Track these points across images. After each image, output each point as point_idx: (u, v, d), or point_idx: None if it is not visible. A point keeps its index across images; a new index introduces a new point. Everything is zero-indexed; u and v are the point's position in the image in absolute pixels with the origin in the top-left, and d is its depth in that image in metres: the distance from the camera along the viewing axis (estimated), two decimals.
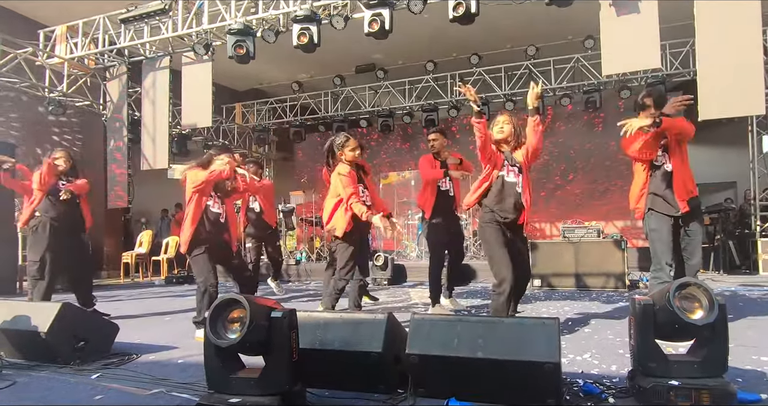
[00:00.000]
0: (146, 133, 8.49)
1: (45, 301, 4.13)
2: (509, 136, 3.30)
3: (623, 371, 2.45)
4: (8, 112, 9.05)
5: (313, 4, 6.51)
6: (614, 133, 11.16)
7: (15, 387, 2.47)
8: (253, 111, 12.25)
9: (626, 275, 5.80)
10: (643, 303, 2.13)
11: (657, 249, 3.30)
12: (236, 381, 1.89)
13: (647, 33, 5.40)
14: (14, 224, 7.62)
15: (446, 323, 2.17)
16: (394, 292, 6.41)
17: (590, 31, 8.37)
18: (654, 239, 3.32)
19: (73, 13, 8.13)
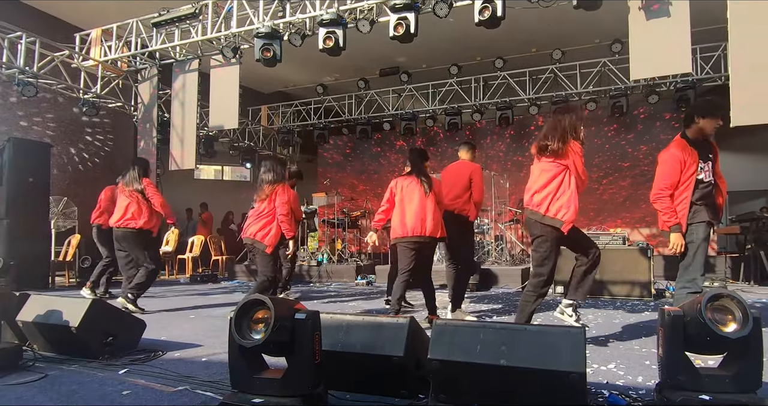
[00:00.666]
0: (175, 134, 8.68)
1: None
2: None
3: (650, 383, 2.40)
4: (45, 112, 9.38)
5: (340, 8, 6.56)
6: (642, 139, 11.01)
7: (46, 380, 2.55)
8: (278, 113, 12.41)
9: (652, 284, 5.67)
10: (673, 314, 2.08)
11: (701, 260, 3.20)
12: (259, 381, 1.91)
13: (678, 37, 5.28)
14: (48, 222, 7.89)
15: (469, 329, 2.15)
16: (415, 295, 6.38)
17: (618, 34, 8.22)
18: (703, 249, 3.21)
19: (108, 17, 8.38)
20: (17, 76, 7.60)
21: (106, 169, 10.29)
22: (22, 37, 7.45)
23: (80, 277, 7.75)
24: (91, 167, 10.07)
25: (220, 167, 13.71)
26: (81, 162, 9.93)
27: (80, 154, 9.93)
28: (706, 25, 6.54)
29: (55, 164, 8.83)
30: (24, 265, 6.76)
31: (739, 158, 11.31)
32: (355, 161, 12.97)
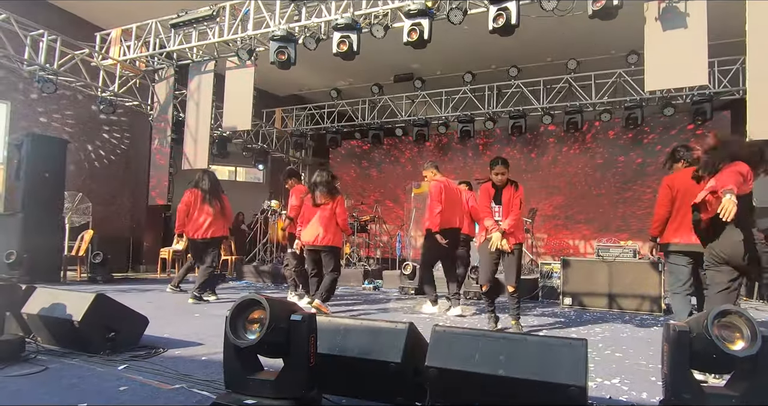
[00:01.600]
0: (189, 134, 8.77)
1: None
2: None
3: (654, 400, 2.34)
4: (64, 109, 9.57)
5: (355, 13, 6.60)
6: (656, 151, 10.86)
7: (46, 373, 2.57)
8: (291, 116, 12.49)
9: (662, 299, 5.55)
10: (679, 329, 2.02)
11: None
12: (253, 382, 1.90)
13: (695, 49, 5.20)
14: (62, 216, 8.01)
15: (468, 337, 2.11)
16: (420, 302, 6.33)
17: (634, 45, 8.14)
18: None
19: (128, 17, 8.53)
20: (38, 73, 7.76)
21: (121, 166, 10.46)
22: (44, 35, 7.61)
23: (92, 272, 7.84)
24: (106, 164, 10.22)
25: (233, 168, 13.81)
26: (97, 159, 10.09)
27: (97, 151, 10.10)
28: (724, 38, 6.45)
29: (71, 160, 8.98)
30: (37, 258, 6.89)
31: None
32: (367, 166, 12.98)
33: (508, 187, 4.37)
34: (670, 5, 5.39)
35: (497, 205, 4.35)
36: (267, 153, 12.35)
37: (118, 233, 10.13)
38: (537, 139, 11.11)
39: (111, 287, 6.80)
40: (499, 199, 4.35)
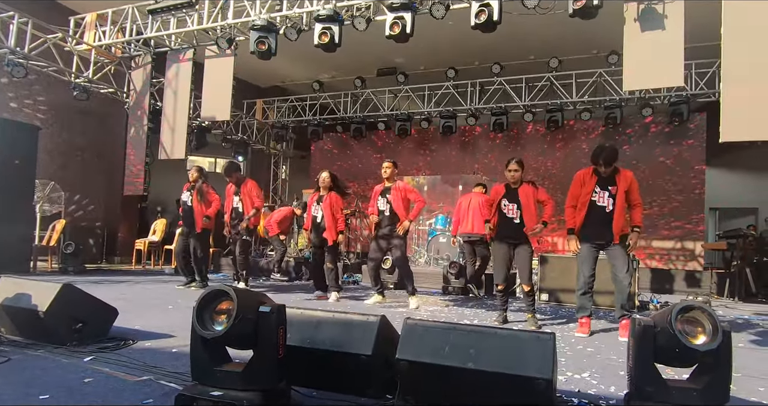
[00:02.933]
0: (166, 123, 8.60)
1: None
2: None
3: (621, 394, 2.38)
4: (37, 95, 9.27)
5: (337, 4, 6.53)
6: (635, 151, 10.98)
7: (9, 364, 2.50)
8: (273, 108, 12.35)
9: (636, 296, 5.66)
10: (644, 324, 2.06)
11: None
12: (220, 374, 1.87)
13: (671, 50, 5.28)
14: (33, 205, 7.79)
15: (439, 330, 2.11)
16: (399, 296, 6.36)
17: (615, 46, 8.24)
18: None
19: (104, 2, 8.29)
20: (7, 57, 7.50)
21: (95, 155, 10.19)
22: (14, 17, 7.35)
23: (63, 263, 7.65)
24: (80, 153, 9.95)
25: (213, 159, 13.60)
26: (70, 147, 9.81)
27: (70, 138, 9.81)
28: (702, 41, 6.57)
29: (43, 148, 8.71)
30: (5, 248, 6.69)
31: (728, 175, 11.40)
32: (348, 159, 12.92)
33: (525, 186, 4.41)
34: (648, 6, 5.46)
35: (511, 203, 4.38)
36: (247, 144, 12.20)
37: (92, 223, 9.89)
38: (518, 137, 11.20)
39: (82, 279, 6.66)
40: (515, 199, 4.37)
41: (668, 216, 9.68)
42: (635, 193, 4.04)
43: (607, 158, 3.97)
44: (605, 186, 4.02)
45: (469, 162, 11.38)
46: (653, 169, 9.78)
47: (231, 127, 11.54)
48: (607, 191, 4.01)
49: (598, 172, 4.06)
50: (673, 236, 9.67)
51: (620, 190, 3.98)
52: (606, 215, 3.99)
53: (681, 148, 9.71)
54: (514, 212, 4.35)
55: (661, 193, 9.71)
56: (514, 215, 4.35)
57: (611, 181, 4.02)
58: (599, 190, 4.03)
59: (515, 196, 4.38)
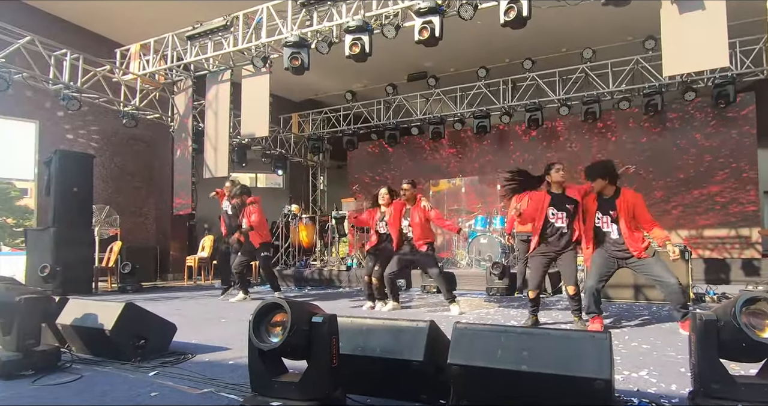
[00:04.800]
0: (209, 143, 8.94)
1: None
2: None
3: (684, 392, 2.29)
4: (89, 125, 9.86)
5: (365, 14, 6.62)
6: (678, 137, 10.53)
7: (81, 381, 2.66)
8: (308, 120, 12.60)
9: (691, 288, 5.41)
10: (705, 318, 1.99)
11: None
12: (278, 385, 1.93)
13: (714, 30, 5.05)
14: (92, 229, 8.26)
15: (490, 334, 2.10)
16: (442, 300, 6.32)
17: (651, 30, 7.95)
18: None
19: (146, 32, 8.74)
20: (63, 92, 8.01)
21: (145, 178, 10.72)
22: (66, 54, 7.86)
23: (122, 282, 8.06)
24: (131, 177, 10.49)
25: (254, 175, 14.00)
26: (122, 172, 10.36)
27: (122, 164, 10.37)
28: (745, 17, 6.26)
29: (98, 175, 9.25)
30: (69, 271, 7.11)
31: None
32: (384, 166, 12.99)
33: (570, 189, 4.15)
34: None
35: (559, 211, 4.10)
36: (285, 158, 12.48)
37: (145, 243, 10.38)
38: (555, 132, 10.95)
39: (140, 296, 6.99)
40: (561, 206, 4.10)
41: (719, 203, 9.20)
42: (642, 217, 3.89)
43: (586, 174, 3.97)
44: (606, 210, 3.93)
45: (506, 161, 11.22)
46: (700, 154, 9.33)
47: (269, 142, 11.86)
48: (608, 216, 3.92)
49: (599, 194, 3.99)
50: (726, 223, 9.18)
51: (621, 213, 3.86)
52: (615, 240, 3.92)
53: (729, 131, 9.23)
54: (560, 219, 4.08)
55: (710, 179, 9.26)
56: (560, 222, 4.08)
57: (611, 205, 3.91)
58: (601, 214, 3.96)
59: (561, 204, 4.10)
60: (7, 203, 20.64)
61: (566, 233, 4.10)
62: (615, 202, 3.89)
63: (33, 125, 9.10)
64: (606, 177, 3.90)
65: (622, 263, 3.95)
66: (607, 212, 3.91)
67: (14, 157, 9.08)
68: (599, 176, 3.91)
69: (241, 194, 6.64)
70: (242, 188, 6.74)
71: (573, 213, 4.08)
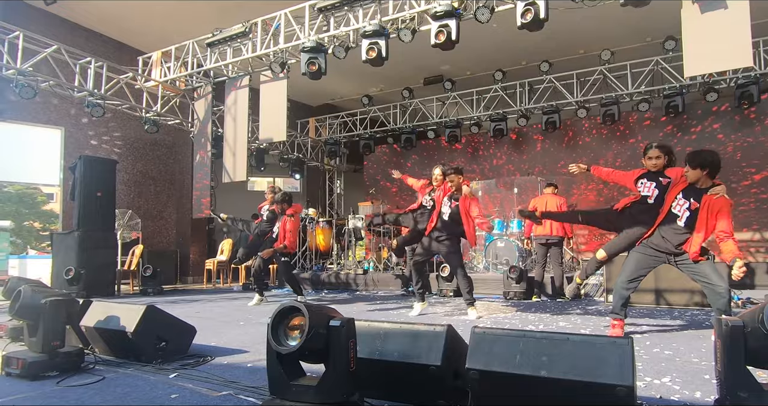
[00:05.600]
0: (227, 147, 9.07)
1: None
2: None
3: (709, 399, 2.24)
4: (112, 131, 10.09)
5: (382, 19, 6.65)
6: (699, 138, 10.32)
7: (103, 382, 2.71)
8: (325, 125, 12.69)
9: None
10: (732, 324, 1.94)
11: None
12: (296, 388, 1.94)
13: (737, 29, 4.94)
14: (115, 233, 8.43)
15: (509, 338, 2.08)
16: (459, 304, 6.29)
17: (671, 31, 7.83)
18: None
19: (167, 40, 8.91)
20: (87, 99, 8.22)
21: (166, 182, 10.91)
22: (91, 62, 8.06)
23: (143, 285, 8.20)
24: (152, 181, 10.69)
25: (272, 179, 14.13)
26: (144, 177, 10.57)
27: (144, 169, 10.58)
28: None
29: (121, 179, 9.46)
30: (93, 274, 7.27)
31: None
32: (400, 170, 12.93)
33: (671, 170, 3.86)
34: None
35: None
36: (303, 162, 12.58)
37: (166, 247, 10.56)
38: (573, 134, 10.83)
39: (161, 299, 7.10)
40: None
41: (743, 205, 8.98)
42: (723, 223, 3.56)
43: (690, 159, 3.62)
44: (689, 196, 3.62)
45: (523, 164, 11.13)
46: (722, 156, 9.11)
47: (287, 146, 11.97)
48: (688, 202, 3.62)
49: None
50: (750, 227, 8.95)
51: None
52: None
53: (753, 132, 9.02)
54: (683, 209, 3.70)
55: (734, 180, 9.03)
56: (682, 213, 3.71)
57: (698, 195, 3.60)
58: (681, 197, 3.66)
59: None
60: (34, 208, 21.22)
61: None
62: (703, 195, 3.56)
63: (59, 132, 9.34)
64: (706, 168, 3.56)
65: (671, 259, 3.68)
66: (689, 199, 3.61)
67: (41, 163, 9.33)
68: (699, 165, 3.56)
69: (282, 202, 6.50)
70: (283, 195, 6.58)
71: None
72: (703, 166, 3.55)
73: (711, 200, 3.52)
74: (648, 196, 3.83)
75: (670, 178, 3.78)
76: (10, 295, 3.10)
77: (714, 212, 3.51)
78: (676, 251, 3.64)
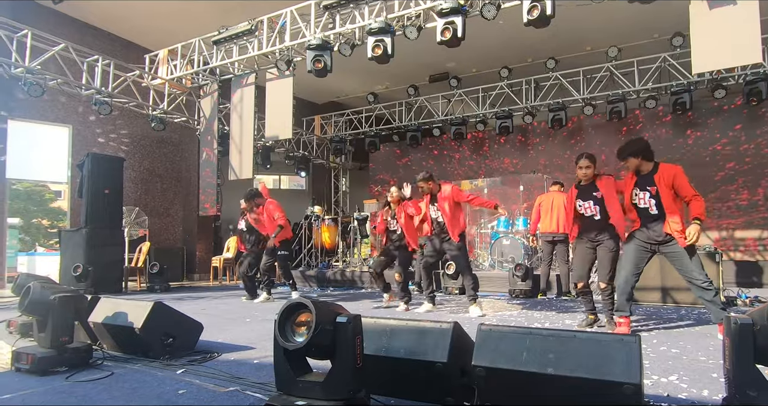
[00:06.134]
0: (233, 145, 9.10)
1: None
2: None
3: (717, 398, 2.23)
4: (119, 129, 10.14)
5: (388, 16, 6.64)
6: (707, 137, 10.23)
7: (112, 378, 2.73)
8: (330, 123, 12.70)
9: (721, 291, 5.25)
10: (741, 322, 1.92)
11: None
12: (303, 384, 1.94)
13: (746, 25, 4.90)
14: (122, 230, 8.48)
15: (515, 335, 2.08)
16: (464, 301, 6.27)
17: (678, 27, 7.77)
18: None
19: (174, 38, 8.96)
20: (95, 97, 8.27)
21: (173, 180, 10.95)
22: (98, 60, 8.10)
23: (150, 282, 8.25)
24: (159, 179, 10.74)
25: (277, 177, 14.17)
26: (151, 174, 10.62)
27: (151, 167, 10.63)
28: None
29: (128, 177, 9.51)
30: (100, 270, 7.32)
31: None
32: (406, 167, 13.00)
33: (603, 178, 4.10)
34: None
35: (586, 201, 4.07)
36: (308, 160, 12.61)
37: (172, 244, 10.61)
38: (579, 131, 10.77)
39: (168, 296, 7.14)
40: (590, 196, 4.06)
41: (752, 203, 8.90)
42: (683, 189, 3.66)
43: (618, 154, 3.84)
44: (644, 186, 3.76)
45: (528, 162, 11.08)
46: (730, 153, 9.05)
47: (293, 144, 11.99)
48: (647, 191, 3.74)
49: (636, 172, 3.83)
50: (759, 225, 8.87)
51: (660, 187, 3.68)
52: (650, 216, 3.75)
53: (762, 129, 8.93)
54: (593, 209, 4.04)
55: (741, 179, 8.96)
56: (594, 212, 4.05)
57: (649, 181, 3.75)
58: (638, 191, 3.79)
59: (589, 194, 4.07)
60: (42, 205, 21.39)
61: (598, 219, 4.03)
62: (653, 177, 3.72)
63: (66, 129, 9.40)
64: (639, 155, 3.73)
65: (657, 248, 3.76)
66: (645, 188, 3.75)
67: (49, 161, 9.39)
68: (631, 155, 3.75)
69: (250, 200, 6.37)
70: (247, 194, 6.44)
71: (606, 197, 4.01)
72: (635, 153, 3.74)
73: (662, 176, 3.67)
74: (594, 215, 4.04)
75: (599, 190, 4.02)
76: (19, 291, 3.13)
77: (669, 184, 3.64)
78: (662, 239, 3.71)
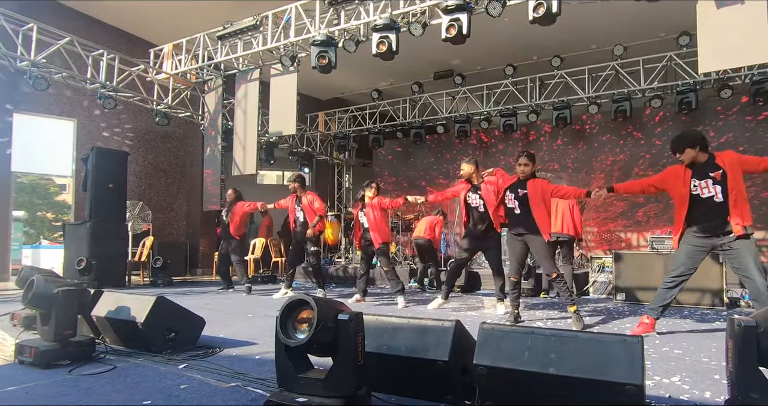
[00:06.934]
0: (237, 141, 9.10)
1: None
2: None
3: (719, 400, 2.22)
4: (124, 123, 10.16)
5: (393, 13, 6.62)
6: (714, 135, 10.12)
7: (114, 372, 2.75)
8: (334, 119, 12.69)
9: (725, 292, 5.23)
10: (744, 324, 1.92)
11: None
12: (304, 381, 1.95)
13: (754, 25, 4.85)
14: (125, 224, 8.51)
15: (517, 335, 2.08)
16: (466, 299, 6.29)
17: (685, 26, 7.71)
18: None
19: (179, 33, 8.94)
20: (99, 91, 8.28)
21: (177, 174, 10.97)
22: (103, 54, 8.11)
23: (153, 276, 8.28)
24: (163, 173, 10.76)
25: (281, 172, 14.16)
26: (155, 169, 10.64)
27: (155, 161, 10.66)
28: None
29: (132, 171, 9.53)
30: (104, 264, 7.33)
31: None
32: (410, 164, 12.99)
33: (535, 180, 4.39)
34: None
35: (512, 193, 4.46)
36: (312, 156, 12.60)
37: (176, 239, 10.64)
38: (584, 130, 10.73)
39: (171, 290, 7.16)
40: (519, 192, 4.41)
41: (755, 204, 8.86)
42: (750, 160, 3.57)
43: (673, 146, 3.71)
44: (704, 174, 3.55)
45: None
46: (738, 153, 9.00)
47: (296, 140, 11.98)
48: (709, 179, 3.52)
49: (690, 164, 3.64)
50: (763, 226, 8.83)
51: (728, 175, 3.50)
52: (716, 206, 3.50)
53: None
54: (513, 203, 4.37)
55: (749, 178, 8.89)
56: (514, 206, 4.35)
57: (710, 168, 3.56)
58: (697, 180, 3.57)
59: (516, 189, 4.38)
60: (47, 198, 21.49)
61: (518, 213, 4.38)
62: (715, 161, 3.53)
63: (71, 123, 9.43)
64: (696, 145, 3.55)
65: (717, 243, 3.53)
66: (707, 175, 3.51)
67: (54, 154, 9.43)
68: (689, 146, 3.57)
69: (304, 184, 6.81)
70: (301, 178, 6.81)
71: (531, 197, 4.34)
72: (693, 144, 3.59)
73: (728, 160, 3.51)
74: (514, 208, 4.36)
75: (526, 190, 4.29)
76: (23, 284, 3.15)
77: (735, 168, 3.48)
78: (721, 232, 3.50)
